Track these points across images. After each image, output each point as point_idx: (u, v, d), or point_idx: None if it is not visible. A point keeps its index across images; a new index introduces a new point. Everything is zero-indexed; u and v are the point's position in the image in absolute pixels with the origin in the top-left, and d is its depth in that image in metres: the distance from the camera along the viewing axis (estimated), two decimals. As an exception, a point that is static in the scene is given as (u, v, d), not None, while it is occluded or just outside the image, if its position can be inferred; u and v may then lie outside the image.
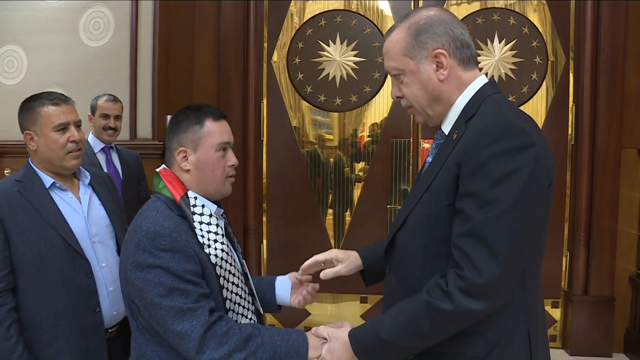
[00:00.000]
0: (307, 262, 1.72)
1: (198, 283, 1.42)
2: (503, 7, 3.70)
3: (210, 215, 1.51)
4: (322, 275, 1.65)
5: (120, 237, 1.97)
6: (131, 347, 1.54)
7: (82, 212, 1.95)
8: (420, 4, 3.77)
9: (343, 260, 1.68)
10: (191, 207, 1.49)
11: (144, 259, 1.40)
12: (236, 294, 1.52)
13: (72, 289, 1.86)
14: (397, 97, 1.44)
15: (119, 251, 1.95)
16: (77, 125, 1.95)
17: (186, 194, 1.50)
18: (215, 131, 1.53)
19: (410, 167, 3.78)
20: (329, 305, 3.94)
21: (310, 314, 3.96)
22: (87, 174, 2.03)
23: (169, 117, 3.47)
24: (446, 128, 1.41)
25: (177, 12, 3.72)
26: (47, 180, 1.92)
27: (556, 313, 3.78)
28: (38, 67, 3.59)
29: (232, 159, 1.57)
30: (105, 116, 3.15)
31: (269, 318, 3.97)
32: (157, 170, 1.58)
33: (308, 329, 3.87)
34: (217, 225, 1.51)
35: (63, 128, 1.90)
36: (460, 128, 1.34)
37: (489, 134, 1.24)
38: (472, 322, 1.26)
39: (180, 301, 1.38)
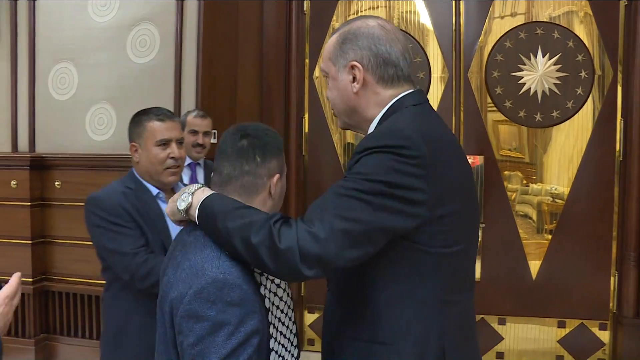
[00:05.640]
0: None
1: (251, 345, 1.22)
2: (547, 20, 3.64)
3: None
4: None
5: None
6: None
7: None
8: (462, 16, 3.74)
9: None
10: None
11: (204, 310, 1.17)
12: (281, 324, 1.41)
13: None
14: (328, 98, 1.44)
15: None
16: (179, 142, 2.03)
17: None
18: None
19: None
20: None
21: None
22: None
23: (214, 132, 3.53)
24: None
25: (220, 28, 3.79)
26: (154, 190, 2.04)
27: (604, 335, 3.64)
28: (87, 83, 3.70)
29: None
30: (194, 132, 3.14)
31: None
32: None
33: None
34: None
35: (165, 143, 1.99)
36: None
37: (372, 138, 1.24)
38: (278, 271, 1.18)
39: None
